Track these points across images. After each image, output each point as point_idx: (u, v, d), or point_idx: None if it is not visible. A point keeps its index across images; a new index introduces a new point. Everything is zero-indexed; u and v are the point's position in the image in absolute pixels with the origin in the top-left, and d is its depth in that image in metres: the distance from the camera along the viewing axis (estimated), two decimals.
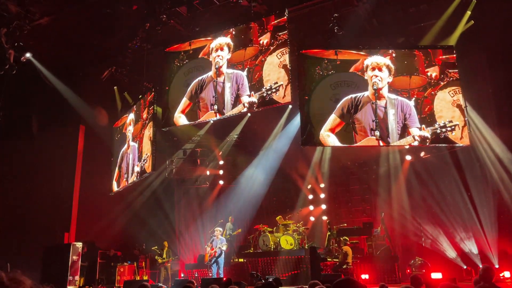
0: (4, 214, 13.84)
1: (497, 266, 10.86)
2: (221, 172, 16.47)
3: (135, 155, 12.63)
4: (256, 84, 9.98)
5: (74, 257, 11.60)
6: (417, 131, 9.57)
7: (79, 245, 11.98)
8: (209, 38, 11.08)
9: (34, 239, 12.83)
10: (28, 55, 11.69)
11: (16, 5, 10.87)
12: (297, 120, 12.74)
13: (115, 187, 13.72)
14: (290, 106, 13.00)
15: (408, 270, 11.69)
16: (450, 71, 10.00)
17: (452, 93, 9.84)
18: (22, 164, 14.37)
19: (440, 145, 10.08)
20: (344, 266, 11.57)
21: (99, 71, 13.59)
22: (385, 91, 9.93)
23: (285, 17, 10.04)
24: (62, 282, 11.24)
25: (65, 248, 11.85)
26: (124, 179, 13.12)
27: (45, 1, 11.24)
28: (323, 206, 15.62)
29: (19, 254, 12.09)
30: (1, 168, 14.01)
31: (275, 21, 10.19)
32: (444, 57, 10.19)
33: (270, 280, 7.37)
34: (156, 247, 13.67)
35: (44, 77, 12.86)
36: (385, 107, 9.76)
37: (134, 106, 13.39)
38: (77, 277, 11.66)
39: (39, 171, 14.19)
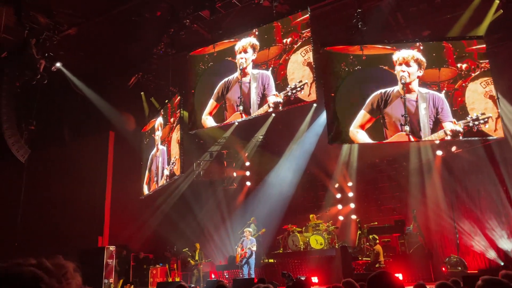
0: (40, 220, 14.33)
1: None
2: (247, 173, 16.52)
3: (164, 158, 12.83)
4: (280, 83, 9.96)
5: (109, 260, 11.87)
6: (450, 126, 9.32)
7: (112, 248, 12.25)
8: (232, 40, 11.14)
9: (70, 243, 13.19)
10: (58, 64, 12.05)
11: (45, 16, 11.24)
12: (322, 118, 12.67)
13: (145, 191, 13.96)
14: (315, 105, 12.93)
15: (443, 268, 11.41)
16: (481, 61, 9.71)
17: (484, 84, 9.55)
18: (55, 171, 14.83)
19: (473, 138, 9.80)
20: (377, 265, 11.39)
21: (126, 78, 13.87)
22: (415, 85, 9.73)
23: (308, 15, 9.99)
24: (98, 284, 11.52)
25: (99, 251, 12.13)
26: (154, 182, 13.34)
27: (73, 12, 11.59)
28: (352, 205, 15.42)
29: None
30: (36, 176, 14.50)
31: (298, 20, 10.15)
32: (474, 47, 9.90)
33: (302, 279, 7.35)
34: (187, 249, 13.82)
35: (74, 86, 13.23)
36: (416, 101, 9.55)
37: (161, 110, 13.62)
38: (111, 279, 11.92)
39: (72, 177, 14.62)
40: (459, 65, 9.78)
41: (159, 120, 13.66)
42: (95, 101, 13.83)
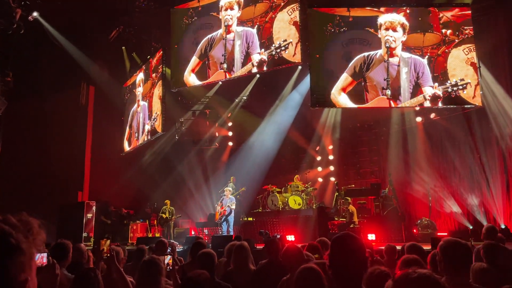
0: (19, 174, 14.15)
1: (503, 227, 10.96)
2: (230, 133, 16.52)
3: (145, 114, 12.69)
4: (266, 42, 9.81)
5: (89, 215, 11.94)
6: (429, 90, 9.42)
7: (92, 203, 12.30)
8: None
9: (50, 198, 13.15)
10: (35, 14, 11.51)
11: None
12: (307, 81, 12.60)
13: (126, 147, 13.87)
14: (300, 67, 12.81)
15: (415, 230, 11.86)
16: (465, 27, 9.71)
17: (467, 51, 9.59)
18: (33, 124, 14.51)
19: (452, 106, 9.94)
20: (351, 226, 11.76)
21: (107, 31, 13.41)
22: (398, 50, 9.70)
23: None
24: (78, 238, 11.63)
25: (79, 206, 12.18)
26: (135, 139, 13.25)
27: None
28: (331, 168, 15.70)
29: (36, 212, 12.42)
30: (14, 129, 14.17)
31: None
32: (460, 13, 9.87)
33: (278, 236, 7.56)
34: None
35: (52, 37, 12.74)
36: (398, 65, 9.56)
37: (143, 65, 13.32)
38: (91, 234, 12.05)
39: (50, 131, 14.34)
40: (443, 30, 9.76)
41: (141, 75, 13.40)
42: (74, 54, 13.38)
